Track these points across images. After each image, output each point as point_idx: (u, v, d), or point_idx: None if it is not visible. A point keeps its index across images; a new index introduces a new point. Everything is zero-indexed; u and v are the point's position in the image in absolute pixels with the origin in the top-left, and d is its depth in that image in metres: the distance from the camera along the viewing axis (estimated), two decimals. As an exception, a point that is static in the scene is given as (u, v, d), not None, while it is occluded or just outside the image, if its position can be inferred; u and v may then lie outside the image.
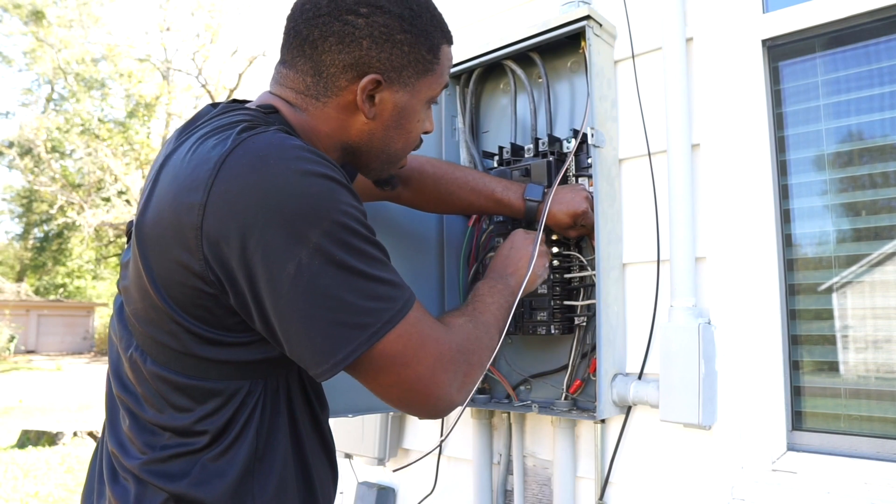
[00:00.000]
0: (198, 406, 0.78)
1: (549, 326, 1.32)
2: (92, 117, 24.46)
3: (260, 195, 0.71)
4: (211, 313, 0.76)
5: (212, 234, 0.72)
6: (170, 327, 0.77)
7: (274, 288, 0.71)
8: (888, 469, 1.06)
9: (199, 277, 0.73)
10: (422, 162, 1.31)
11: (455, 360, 0.83)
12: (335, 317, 0.72)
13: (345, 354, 0.73)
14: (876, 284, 1.15)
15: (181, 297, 0.75)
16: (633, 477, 1.30)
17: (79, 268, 27.38)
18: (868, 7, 1.12)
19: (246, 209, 0.71)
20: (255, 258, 0.71)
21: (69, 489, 5.24)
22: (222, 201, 0.72)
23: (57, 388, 11.92)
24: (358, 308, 0.73)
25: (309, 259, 0.71)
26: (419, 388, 0.79)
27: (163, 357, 0.79)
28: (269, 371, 0.82)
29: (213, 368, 0.78)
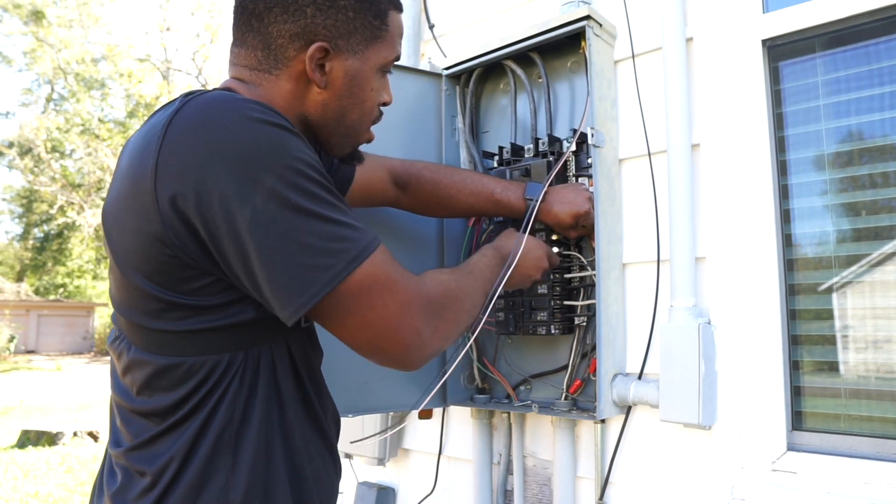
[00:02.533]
0: (180, 385, 0.78)
1: (549, 326, 1.32)
2: (92, 117, 24.46)
3: (208, 146, 0.72)
4: (175, 277, 0.75)
5: (166, 194, 0.72)
6: (142, 304, 0.77)
7: (234, 236, 0.72)
8: (888, 469, 1.06)
9: (159, 240, 0.73)
10: (419, 167, 1.31)
11: (425, 309, 0.82)
12: (296, 260, 0.72)
13: (308, 296, 0.73)
14: (876, 284, 1.15)
15: (144, 266, 0.76)
16: (633, 477, 1.30)
17: (79, 268, 27.38)
18: (868, 7, 1.12)
19: (196, 162, 0.72)
20: (211, 209, 0.71)
21: (69, 489, 5.24)
22: (172, 159, 0.72)
23: (57, 388, 11.92)
24: (318, 249, 0.73)
25: (264, 204, 0.71)
26: (387, 333, 0.78)
27: (142, 341, 0.79)
28: (247, 343, 0.81)
29: (189, 343, 0.78)
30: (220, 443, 0.78)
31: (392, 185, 1.29)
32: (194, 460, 0.77)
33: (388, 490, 1.73)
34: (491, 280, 1.03)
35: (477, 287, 0.97)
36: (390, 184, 1.29)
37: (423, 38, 1.82)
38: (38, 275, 27.02)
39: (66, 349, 23.36)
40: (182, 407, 0.78)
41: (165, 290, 0.76)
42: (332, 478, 0.91)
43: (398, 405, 1.43)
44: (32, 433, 6.97)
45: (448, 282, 0.90)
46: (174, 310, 0.77)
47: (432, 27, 1.78)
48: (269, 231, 0.71)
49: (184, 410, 0.78)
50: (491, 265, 1.04)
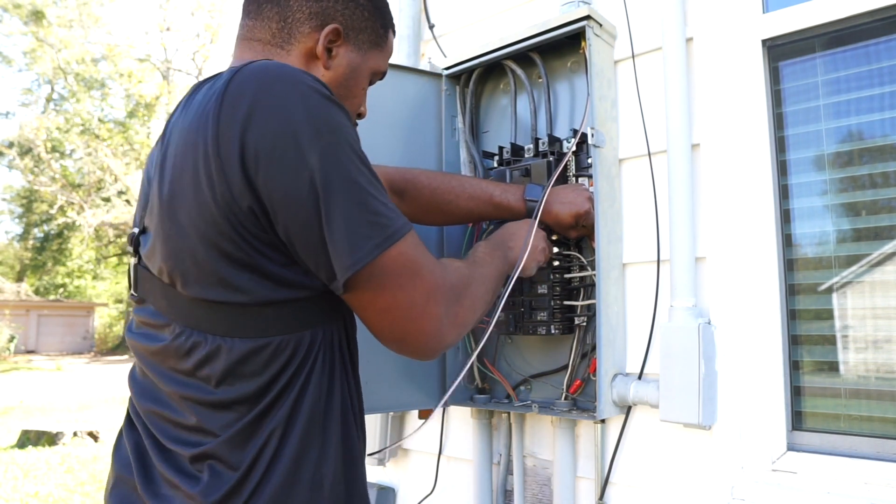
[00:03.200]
0: (267, 368, 0.78)
1: (549, 326, 1.32)
2: (92, 117, 24.47)
3: (267, 112, 0.73)
4: (248, 244, 0.75)
5: (228, 158, 0.73)
6: (221, 280, 0.76)
7: (291, 199, 0.73)
8: (888, 469, 1.06)
9: (228, 207, 0.73)
10: (416, 173, 1.31)
11: (447, 296, 0.83)
12: (344, 225, 0.74)
13: (354, 259, 0.74)
14: (876, 284, 1.15)
15: (218, 238, 0.75)
16: (633, 477, 1.30)
17: (79, 268, 27.40)
18: (868, 7, 1.12)
19: (255, 127, 0.73)
20: (269, 174, 0.72)
21: (69, 489, 5.24)
22: (231, 124, 0.73)
23: (57, 388, 11.92)
24: (364, 220, 0.75)
25: (321, 169, 0.73)
26: (412, 317, 0.80)
27: (224, 326, 0.78)
28: (324, 319, 0.82)
29: (272, 322, 0.78)
30: (313, 420, 0.79)
31: (390, 193, 1.29)
32: (290, 440, 0.78)
33: (388, 490, 1.74)
34: (500, 276, 1.04)
35: (487, 276, 0.98)
36: (388, 191, 1.29)
37: (423, 38, 1.82)
38: (38, 275, 27.03)
39: (66, 349, 23.37)
40: (271, 389, 0.78)
41: (241, 255, 0.75)
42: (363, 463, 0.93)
43: (398, 405, 1.43)
44: (32, 433, 6.97)
45: (463, 269, 0.92)
46: (252, 277, 0.76)
47: (432, 27, 1.78)
48: (325, 197, 0.73)
49: (273, 392, 0.78)
50: (499, 267, 1.05)
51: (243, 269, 0.76)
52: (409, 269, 0.78)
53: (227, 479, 0.76)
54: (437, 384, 1.48)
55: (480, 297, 0.93)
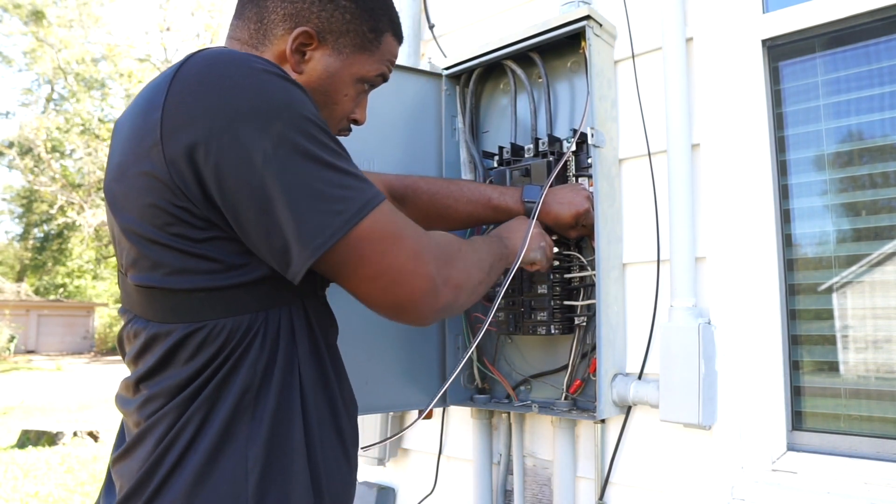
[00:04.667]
0: (199, 353, 0.76)
1: (549, 326, 1.32)
2: (92, 117, 24.47)
3: (216, 96, 0.72)
4: (187, 229, 0.74)
5: (174, 144, 0.71)
6: (158, 264, 0.75)
7: (243, 184, 0.71)
8: (888, 469, 1.06)
9: (169, 190, 0.72)
10: (414, 179, 1.30)
11: (436, 255, 0.82)
12: (308, 204, 0.72)
13: (323, 239, 0.72)
14: (876, 284, 1.15)
15: (156, 220, 0.74)
16: (633, 477, 1.30)
17: (79, 268, 27.39)
18: (868, 7, 1.12)
19: (204, 112, 0.71)
20: (220, 158, 0.71)
21: (69, 489, 5.23)
22: (180, 109, 0.72)
23: (57, 388, 11.92)
24: (329, 196, 0.73)
25: (274, 149, 0.71)
26: (400, 280, 0.77)
27: (161, 310, 0.77)
28: (267, 303, 0.80)
29: (209, 305, 0.76)
30: (239, 407, 0.76)
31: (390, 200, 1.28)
32: (212, 425, 0.75)
33: (388, 490, 1.73)
34: (491, 249, 1.02)
35: (480, 248, 0.97)
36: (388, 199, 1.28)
37: (423, 38, 1.82)
38: (38, 275, 27.03)
39: (66, 349, 23.36)
40: (200, 375, 0.76)
41: (180, 240, 0.74)
42: (344, 468, 0.86)
43: (398, 405, 1.43)
44: (32, 433, 6.97)
45: (451, 237, 0.91)
46: (190, 263, 0.75)
47: (432, 27, 1.78)
48: (280, 177, 0.71)
49: (201, 378, 0.76)
50: (495, 252, 1.03)
51: (180, 253, 0.75)
52: (389, 234, 0.77)
53: (145, 450, 0.76)
54: (438, 384, 1.48)
55: (474, 264, 0.91)
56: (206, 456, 0.74)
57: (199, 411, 0.75)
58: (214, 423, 0.75)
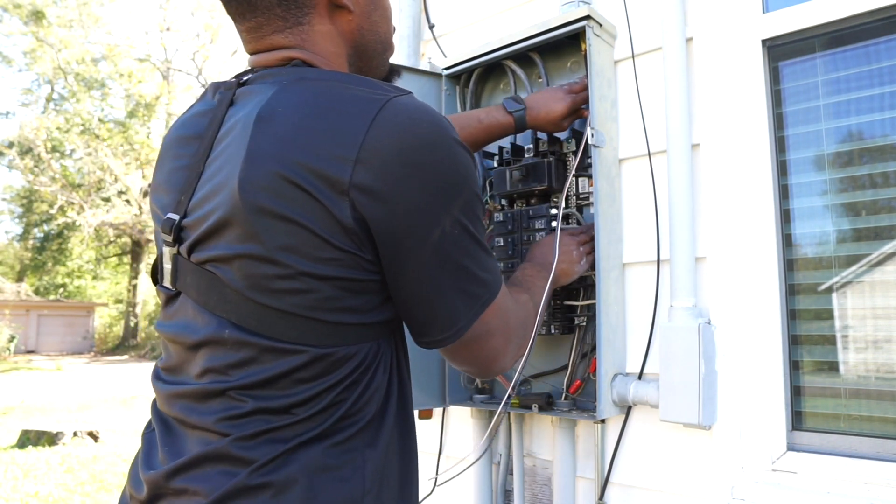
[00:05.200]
0: (323, 377, 0.74)
1: (549, 326, 1.32)
2: (92, 117, 24.48)
3: (417, 158, 0.72)
4: (345, 270, 0.73)
5: (363, 188, 0.70)
6: (299, 293, 0.72)
7: (415, 251, 0.73)
8: (888, 469, 1.06)
9: (344, 230, 0.71)
10: None
11: (517, 334, 0.87)
12: (462, 286, 0.76)
13: (465, 322, 0.77)
14: (876, 284, 1.15)
15: (314, 252, 0.71)
16: (632, 477, 1.30)
17: (79, 268, 27.41)
18: (868, 7, 1.12)
19: (402, 169, 0.71)
20: (403, 219, 0.72)
21: (69, 489, 5.24)
22: (378, 157, 0.71)
23: (57, 388, 11.92)
24: (477, 279, 0.77)
25: (451, 228, 0.74)
26: (492, 357, 0.83)
27: (288, 330, 0.73)
28: (384, 332, 0.80)
29: (341, 333, 0.75)
30: (362, 433, 0.76)
31: None
32: (329, 450, 0.73)
33: (388, 490, 1.73)
34: (547, 296, 1.07)
35: (541, 305, 1.02)
36: None
37: (423, 38, 1.82)
38: (38, 275, 27.04)
39: (66, 349, 23.37)
40: (319, 399, 0.73)
41: (331, 283, 0.72)
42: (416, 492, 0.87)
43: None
44: (32, 433, 6.96)
45: (529, 305, 0.96)
46: (336, 301, 0.73)
47: (432, 27, 1.78)
48: (448, 255, 0.74)
49: (321, 403, 0.73)
50: (545, 287, 1.08)
51: (331, 292, 0.73)
52: (501, 318, 0.81)
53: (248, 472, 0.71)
54: (438, 384, 1.48)
55: (535, 326, 0.97)
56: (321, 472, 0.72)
57: (318, 430, 0.73)
58: (335, 443, 0.74)
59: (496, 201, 1.48)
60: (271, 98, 0.76)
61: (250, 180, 0.72)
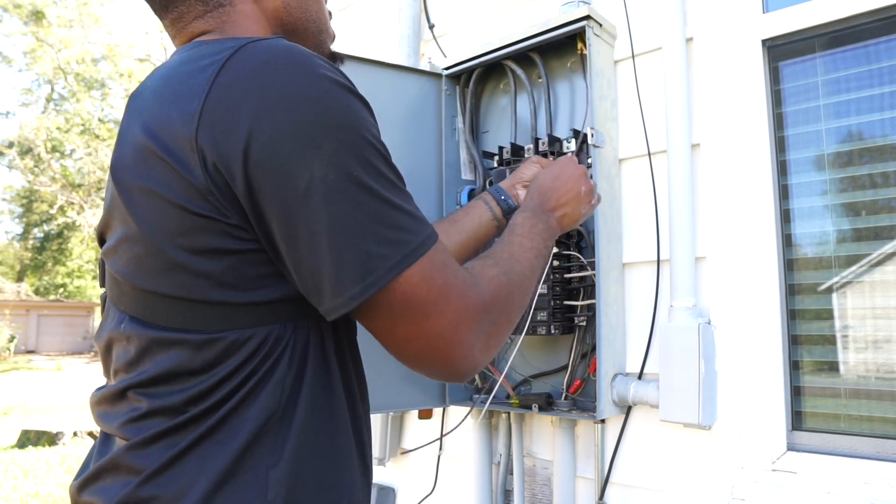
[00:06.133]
0: (214, 367, 0.66)
1: (549, 326, 1.32)
2: (92, 117, 24.48)
3: (266, 98, 0.62)
4: (215, 239, 0.65)
5: (210, 144, 0.62)
6: (175, 272, 0.66)
7: (280, 206, 0.62)
8: (888, 469, 1.06)
9: (199, 194, 0.63)
10: None
11: (480, 319, 0.70)
12: (351, 242, 0.62)
13: (360, 289, 0.63)
14: (876, 284, 1.15)
15: (178, 226, 0.65)
16: (632, 477, 1.30)
17: (79, 268, 27.39)
18: (868, 7, 1.12)
19: (250, 114, 0.62)
20: (259, 170, 0.61)
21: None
22: (221, 107, 0.62)
23: (57, 388, 11.92)
24: (375, 236, 0.63)
25: (322, 173, 0.62)
26: (439, 346, 0.68)
27: (170, 316, 0.67)
28: (296, 314, 0.70)
29: (232, 316, 0.67)
30: (261, 432, 0.67)
31: None
32: (229, 448, 0.65)
33: (388, 490, 1.73)
34: (543, 259, 0.89)
35: (526, 274, 0.83)
36: None
37: (423, 38, 1.82)
38: (38, 275, 27.04)
39: (66, 349, 23.36)
40: (215, 391, 0.66)
41: (201, 256, 0.65)
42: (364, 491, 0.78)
43: (398, 405, 1.43)
44: (32, 433, 6.97)
45: (499, 278, 0.76)
46: (213, 278, 0.65)
47: (432, 27, 1.78)
48: (323, 205, 0.62)
49: (218, 395, 0.66)
50: (540, 249, 0.89)
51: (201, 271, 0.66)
52: (434, 292, 0.66)
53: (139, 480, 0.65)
54: (438, 384, 1.48)
55: (518, 304, 0.80)
56: (217, 481, 0.64)
57: (212, 432, 0.65)
58: (232, 446, 0.65)
59: (496, 201, 1.48)
60: (146, 78, 0.74)
61: (121, 160, 0.69)
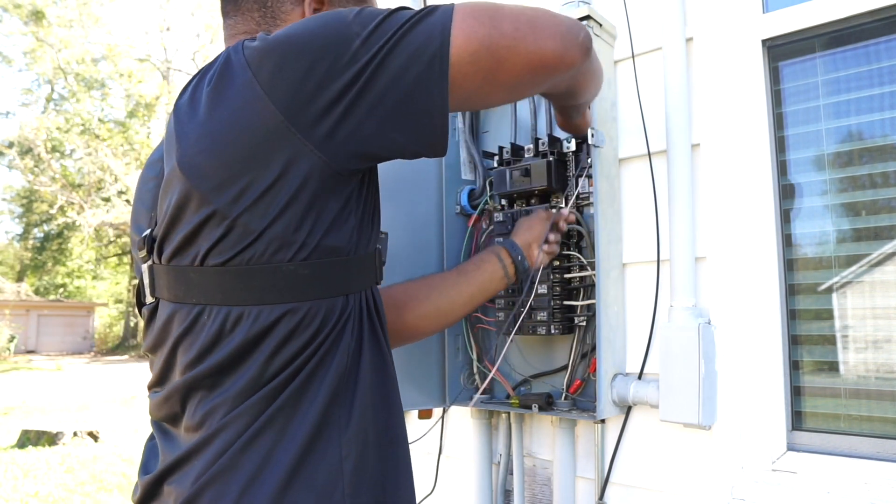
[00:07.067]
0: (289, 342, 0.71)
1: (549, 326, 1.32)
2: (92, 117, 24.49)
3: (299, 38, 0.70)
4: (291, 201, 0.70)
5: (280, 95, 0.68)
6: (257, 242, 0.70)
7: (353, 88, 0.69)
8: (888, 469, 1.06)
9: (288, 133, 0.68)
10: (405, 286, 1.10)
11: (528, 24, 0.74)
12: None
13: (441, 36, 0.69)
14: (876, 284, 1.15)
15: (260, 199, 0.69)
16: (633, 477, 1.30)
17: (79, 268, 27.41)
18: (868, 7, 1.12)
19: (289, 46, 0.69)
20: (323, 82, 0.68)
21: (69, 489, 5.24)
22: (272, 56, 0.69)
23: (57, 388, 11.92)
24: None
25: (363, 41, 0.69)
26: (540, 28, 0.73)
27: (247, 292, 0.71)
28: (353, 284, 0.77)
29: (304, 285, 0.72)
30: (336, 396, 0.72)
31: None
32: (306, 417, 0.71)
33: (388, 490, 1.73)
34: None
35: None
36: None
37: (423, 38, 1.82)
38: (38, 275, 27.05)
39: (66, 349, 23.37)
40: (289, 364, 0.71)
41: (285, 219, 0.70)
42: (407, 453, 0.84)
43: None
44: (32, 433, 6.97)
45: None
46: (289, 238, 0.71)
47: (432, 27, 1.78)
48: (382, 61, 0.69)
49: (292, 367, 0.71)
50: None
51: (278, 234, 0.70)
52: (487, 15, 0.72)
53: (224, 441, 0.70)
54: (438, 384, 1.48)
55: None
56: (300, 451, 0.70)
57: (289, 403, 0.70)
58: (309, 415, 0.71)
59: (496, 201, 1.48)
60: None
61: (185, 153, 0.72)
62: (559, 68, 0.76)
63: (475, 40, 0.70)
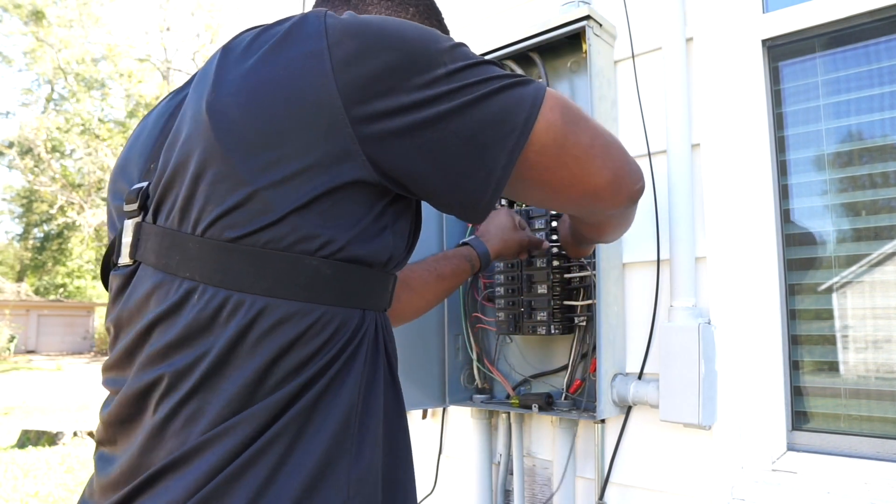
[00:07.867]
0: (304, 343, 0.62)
1: (549, 326, 1.32)
2: (92, 117, 24.49)
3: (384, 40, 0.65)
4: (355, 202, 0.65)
5: (351, 71, 0.62)
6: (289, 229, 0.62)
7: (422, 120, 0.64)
8: (888, 469, 1.06)
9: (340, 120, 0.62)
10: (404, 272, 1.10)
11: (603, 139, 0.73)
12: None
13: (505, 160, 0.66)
14: (876, 284, 1.15)
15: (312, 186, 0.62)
16: (633, 477, 1.30)
17: (79, 268, 27.39)
18: (868, 7, 1.12)
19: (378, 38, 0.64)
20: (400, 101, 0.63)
21: (69, 489, 5.24)
22: (357, 38, 0.64)
23: (57, 388, 11.92)
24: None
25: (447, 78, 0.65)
26: (599, 152, 0.71)
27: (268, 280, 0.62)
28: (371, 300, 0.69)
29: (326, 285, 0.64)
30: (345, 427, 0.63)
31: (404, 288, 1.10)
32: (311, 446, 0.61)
33: (388, 490, 1.73)
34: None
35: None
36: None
37: (423, 38, 1.82)
38: (38, 275, 27.04)
39: (66, 349, 23.36)
40: (299, 374, 0.61)
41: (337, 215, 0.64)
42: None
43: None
44: (32, 433, 6.97)
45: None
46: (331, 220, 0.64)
47: (432, 27, 1.78)
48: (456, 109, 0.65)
49: (300, 378, 0.61)
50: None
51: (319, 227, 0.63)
52: (570, 122, 0.69)
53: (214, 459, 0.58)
54: (438, 384, 1.48)
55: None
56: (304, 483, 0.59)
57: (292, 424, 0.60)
58: (314, 444, 0.61)
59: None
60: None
61: (218, 98, 0.64)
62: (606, 201, 0.75)
63: (552, 133, 0.68)
